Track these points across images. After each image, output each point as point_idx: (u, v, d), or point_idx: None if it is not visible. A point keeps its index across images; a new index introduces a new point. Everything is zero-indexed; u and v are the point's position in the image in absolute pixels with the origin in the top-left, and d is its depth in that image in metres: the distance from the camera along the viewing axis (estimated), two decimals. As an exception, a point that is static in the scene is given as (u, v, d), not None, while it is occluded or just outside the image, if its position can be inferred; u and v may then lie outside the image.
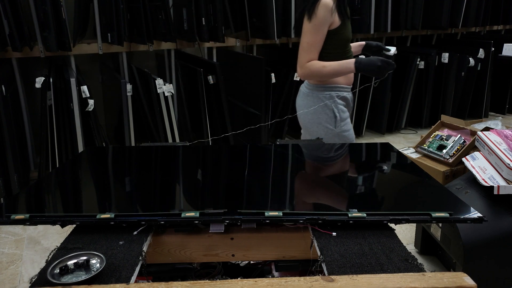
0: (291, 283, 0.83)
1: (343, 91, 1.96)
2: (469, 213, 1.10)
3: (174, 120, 3.35)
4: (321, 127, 1.96)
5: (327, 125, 1.95)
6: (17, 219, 1.07)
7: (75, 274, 0.90)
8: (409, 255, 0.97)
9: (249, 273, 1.40)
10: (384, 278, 0.85)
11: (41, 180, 1.58)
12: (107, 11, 3.25)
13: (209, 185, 1.40)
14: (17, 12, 2.93)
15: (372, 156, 1.72)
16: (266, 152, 1.74)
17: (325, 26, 1.82)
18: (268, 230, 1.13)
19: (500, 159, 1.93)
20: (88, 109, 3.06)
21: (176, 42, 3.61)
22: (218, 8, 3.44)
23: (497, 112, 5.13)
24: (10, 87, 3.09)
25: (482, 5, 4.92)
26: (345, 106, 1.99)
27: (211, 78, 3.33)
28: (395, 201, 1.27)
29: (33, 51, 3.20)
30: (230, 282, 0.83)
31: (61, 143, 3.07)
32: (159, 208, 1.19)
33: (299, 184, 1.37)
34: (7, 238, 2.59)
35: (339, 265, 0.93)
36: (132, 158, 1.71)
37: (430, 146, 2.85)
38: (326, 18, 1.80)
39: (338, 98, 1.94)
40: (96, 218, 1.07)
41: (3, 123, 2.77)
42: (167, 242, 1.11)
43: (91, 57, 3.86)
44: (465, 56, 4.54)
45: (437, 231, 2.08)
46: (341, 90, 1.96)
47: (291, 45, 4.36)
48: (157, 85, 3.15)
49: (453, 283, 0.83)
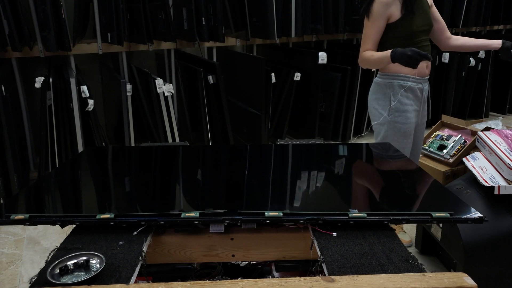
0: (291, 283, 0.83)
1: (407, 81, 2.00)
2: (469, 213, 1.10)
3: (174, 120, 3.35)
4: (376, 112, 2.09)
5: (381, 111, 2.05)
6: (17, 219, 1.07)
7: (75, 275, 0.90)
8: (409, 255, 0.97)
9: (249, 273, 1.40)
10: (384, 279, 0.85)
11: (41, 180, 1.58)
12: (107, 11, 3.24)
13: (209, 185, 1.40)
14: (17, 12, 2.92)
15: (372, 156, 1.72)
16: (266, 152, 1.74)
17: (380, 20, 1.95)
18: (268, 231, 1.12)
19: (501, 159, 1.93)
20: (88, 109, 3.05)
21: (176, 42, 3.61)
22: (218, 8, 3.43)
23: (498, 112, 5.13)
24: (10, 87, 3.08)
25: (482, 5, 4.91)
26: (409, 98, 2.01)
27: (211, 78, 3.32)
28: (395, 201, 1.27)
29: (32, 51, 3.20)
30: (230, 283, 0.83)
31: (60, 143, 3.07)
32: (159, 208, 1.19)
33: (299, 184, 1.36)
34: (7, 238, 2.58)
35: (340, 265, 0.93)
36: (132, 158, 1.70)
37: (430, 146, 2.84)
38: (380, 12, 1.93)
39: (401, 87, 2.00)
40: (96, 218, 1.07)
41: (2, 123, 2.77)
42: (167, 242, 1.11)
43: (91, 57, 3.86)
44: (465, 56, 4.53)
45: (438, 231, 2.07)
46: (404, 80, 2.00)
47: (291, 45, 4.35)
48: (157, 85, 3.15)
49: (453, 283, 0.83)
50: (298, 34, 3.99)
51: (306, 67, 3.88)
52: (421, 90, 2.03)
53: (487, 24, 5.23)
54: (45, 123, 2.97)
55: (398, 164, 1.56)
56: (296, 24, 3.93)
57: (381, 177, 1.49)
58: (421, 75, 2.01)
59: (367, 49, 2.00)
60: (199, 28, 3.47)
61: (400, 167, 1.54)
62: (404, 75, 1.99)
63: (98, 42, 3.40)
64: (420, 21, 1.95)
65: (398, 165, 1.56)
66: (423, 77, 2.02)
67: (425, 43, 2.00)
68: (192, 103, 3.59)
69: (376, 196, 1.30)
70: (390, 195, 1.31)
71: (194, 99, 3.51)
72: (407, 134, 2.04)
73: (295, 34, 3.97)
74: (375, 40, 1.98)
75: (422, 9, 1.96)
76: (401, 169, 1.52)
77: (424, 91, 2.05)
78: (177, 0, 3.53)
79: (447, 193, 1.27)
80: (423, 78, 2.03)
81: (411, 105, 2.02)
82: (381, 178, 1.48)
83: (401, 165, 1.55)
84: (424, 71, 2.01)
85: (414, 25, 1.94)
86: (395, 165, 1.57)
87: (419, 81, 2.01)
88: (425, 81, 2.04)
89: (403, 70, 1.97)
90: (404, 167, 1.53)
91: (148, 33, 3.38)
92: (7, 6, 2.84)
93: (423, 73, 2.01)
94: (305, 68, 3.86)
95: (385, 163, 1.62)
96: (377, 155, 1.71)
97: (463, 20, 4.73)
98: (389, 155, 1.65)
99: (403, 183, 1.42)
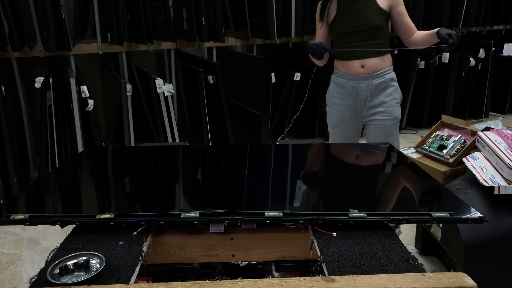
0: (291, 283, 0.83)
1: (338, 77, 2.19)
2: (469, 213, 1.10)
3: (174, 120, 3.35)
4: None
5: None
6: (16, 219, 1.07)
7: (75, 275, 0.90)
8: (409, 255, 0.97)
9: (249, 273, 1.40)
10: (384, 279, 0.85)
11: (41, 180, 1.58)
12: (107, 11, 3.24)
13: (209, 185, 1.40)
14: (17, 12, 2.92)
15: (372, 156, 1.72)
16: (266, 152, 1.74)
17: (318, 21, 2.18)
18: (268, 231, 1.12)
19: (501, 159, 1.92)
20: (88, 109, 3.05)
21: (176, 42, 3.61)
22: (218, 8, 3.43)
23: (498, 112, 5.13)
24: (9, 87, 3.08)
25: (482, 5, 4.91)
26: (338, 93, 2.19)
27: (211, 78, 3.32)
28: (395, 201, 1.27)
29: (32, 51, 3.20)
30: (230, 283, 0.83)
31: (60, 143, 3.07)
32: (159, 208, 1.19)
33: (299, 184, 1.36)
34: (6, 238, 2.58)
35: (340, 265, 0.93)
36: (132, 158, 1.70)
37: (430, 146, 2.84)
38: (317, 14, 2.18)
39: (333, 82, 2.24)
40: (95, 218, 1.07)
41: (2, 123, 2.77)
42: (167, 242, 1.11)
43: (91, 57, 3.86)
44: (465, 56, 4.53)
45: (438, 231, 2.07)
46: (336, 76, 2.21)
47: (291, 45, 4.35)
48: (157, 85, 3.15)
49: (453, 283, 0.83)
50: (298, 34, 3.99)
51: (306, 67, 3.88)
52: (353, 87, 2.12)
53: (487, 24, 5.23)
54: (45, 123, 2.97)
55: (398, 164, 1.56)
56: (296, 24, 3.93)
57: (381, 177, 1.49)
58: (353, 73, 2.10)
59: None
60: (199, 28, 3.47)
61: (400, 167, 1.54)
62: (337, 72, 2.19)
63: (98, 42, 3.40)
64: (350, 23, 2.04)
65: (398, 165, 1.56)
66: (356, 75, 2.10)
67: (360, 43, 2.06)
68: (192, 103, 3.59)
69: (376, 196, 1.30)
70: (390, 195, 1.31)
71: (194, 99, 3.51)
72: (334, 125, 2.23)
73: (295, 34, 3.97)
74: (321, 39, 2.16)
75: (354, 12, 2.03)
76: (401, 169, 1.52)
77: (359, 89, 2.11)
78: (177, 0, 3.53)
79: (447, 193, 1.27)
80: (356, 76, 2.10)
81: (340, 99, 2.17)
82: (381, 178, 1.48)
83: (401, 165, 1.55)
84: (356, 69, 2.09)
85: (340, 27, 2.07)
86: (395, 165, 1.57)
87: (350, 79, 2.12)
88: (360, 79, 2.10)
89: (338, 68, 2.18)
90: (404, 167, 1.53)
91: (148, 33, 3.38)
92: (7, 6, 2.84)
93: (355, 72, 2.10)
94: (305, 68, 3.86)
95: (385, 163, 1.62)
96: (377, 155, 1.71)
97: (463, 20, 4.73)
98: (389, 155, 1.65)
99: (403, 183, 1.42)
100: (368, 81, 2.09)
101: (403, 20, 2.09)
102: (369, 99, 2.12)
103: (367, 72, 2.09)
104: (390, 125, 2.13)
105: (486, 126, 2.95)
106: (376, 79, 2.09)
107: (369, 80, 2.09)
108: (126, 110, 3.25)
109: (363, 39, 2.05)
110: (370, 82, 2.10)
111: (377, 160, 1.68)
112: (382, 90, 2.12)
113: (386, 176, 1.50)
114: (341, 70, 2.17)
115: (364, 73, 2.09)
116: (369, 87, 2.10)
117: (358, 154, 1.73)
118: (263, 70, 3.41)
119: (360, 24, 2.03)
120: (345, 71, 2.14)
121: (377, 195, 1.31)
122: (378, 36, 2.06)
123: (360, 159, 1.69)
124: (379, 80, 2.10)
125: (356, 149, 1.78)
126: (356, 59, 2.08)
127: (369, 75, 2.09)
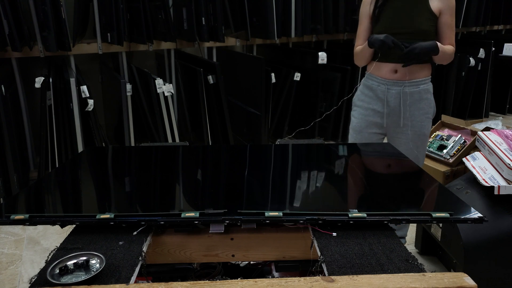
0: (291, 283, 0.83)
1: (370, 79, 2.04)
2: (469, 213, 1.10)
3: (174, 120, 3.35)
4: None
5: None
6: (16, 219, 1.07)
7: (75, 275, 0.90)
8: (409, 255, 0.97)
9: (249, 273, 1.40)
10: (384, 279, 0.85)
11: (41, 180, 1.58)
12: (107, 11, 3.24)
13: (209, 185, 1.40)
14: (17, 12, 2.92)
15: (372, 156, 1.72)
16: (266, 152, 1.74)
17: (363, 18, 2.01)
18: (268, 231, 1.12)
19: (501, 159, 1.93)
20: (88, 109, 3.05)
21: (176, 42, 3.61)
22: (218, 8, 3.43)
23: (498, 112, 5.13)
24: (9, 87, 3.08)
25: (482, 5, 4.91)
26: (368, 96, 2.04)
27: (211, 78, 3.32)
28: (395, 201, 1.27)
29: (32, 51, 3.20)
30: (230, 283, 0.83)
31: (60, 143, 3.06)
32: (159, 208, 1.18)
33: (299, 184, 1.36)
34: (6, 238, 2.58)
35: (340, 265, 0.93)
36: (132, 158, 1.70)
37: (430, 146, 2.84)
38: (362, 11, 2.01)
39: (364, 84, 2.07)
40: (95, 218, 1.07)
41: (2, 123, 2.77)
42: (167, 242, 1.11)
43: (91, 57, 3.86)
44: (465, 56, 4.53)
45: (438, 231, 2.07)
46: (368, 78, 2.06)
47: (291, 45, 4.35)
48: (157, 85, 3.15)
49: (453, 283, 0.83)
50: (298, 34, 3.99)
51: (306, 67, 3.88)
52: (383, 92, 1.97)
53: (487, 24, 5.23)
54: (45, 123, 2.97)
55: (398, 164, 1.56)
56: (296, 24, 3.93)
57: (381, 177, 1.49)
58: (385, 76, 1.96)
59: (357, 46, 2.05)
60: (199, 28, 3.47)
61: (400, 167, 1.54)
62: (369, 74, 2.04)
63: (98, 42, 3.40)
64: (396, 23, 1.89)
65: (398, 165, 1.56)
66: (388, 79, 1.96)
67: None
68: (192, 103, 3.59)
69: (376, 196, 1.30)
70: (390, 195, 1.31)
71: (194, 99, 3.51)
72: (356, 130, 2.09)
73: (295, 34, 3.97)
74: (364, 38, 1.99)
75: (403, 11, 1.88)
76: (401, 169, 1.52)
77: (390, 95, 1.97)
78: (177, 0, 3.53)
79: (447, 193, 1.27)
80: (388, 80, 1.96)
81: (368, 102, 2.03)
82: (381, 178, 1.48)
83: (401, 165, 1.55)
84: (389, 73, 1.95)
85: (384, 26, 1.91)
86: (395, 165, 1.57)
87: (382, 83, 1.97)
88: (391, 84, 1.96)
89: (370, 69, 2.02)
90: (404, 167, 1.53)
91: (148, 33, 3.38)
92: (7, 6, 2.84)
93: (388, 76, 1.95)
94: (305, 68, 3.86)
95: (385, 163, 1.62)
96: (377, 155, 1.71)
97: (463, 20, 4.73)
98: (389, 155, 1.65)
99: (403, 183, 1.42)
100: (400, 88, 1.94)
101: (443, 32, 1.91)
102: (402, 109, 1.96)
103: (400, 78, 1.94)
104: (416, 141, 1.99)
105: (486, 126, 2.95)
106: (409, 87, 1.94)
107: (401, 87, 1.94)
108: (126, 110, 3.25)
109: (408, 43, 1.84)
110: (402, 90, 1.94)
111: (377, 160, 1.68)
112: (415, 102, 1.96)
113: (386, 176, 1.50)
114: (373, 72, 2.01)
115: (397, 78, 1.94)
116: (400, 96, 1.95)
117: (358, 154, 1.72)
118: (263, 70, 3.41)
119: (408, 26, 1.87)
120: (377, 74, 1.99)
121: (377, 195, 1.31)
122: (423, 41, 1.85)
123: (360, 159, 1.69)
124: (412, 89, 1.94)
125: (356, 149, 1.78)
126: (390, 62, 1.93)
127: (402, 82, 1.94)
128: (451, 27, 1.91)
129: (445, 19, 1.89)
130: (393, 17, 1.89)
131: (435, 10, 1.87)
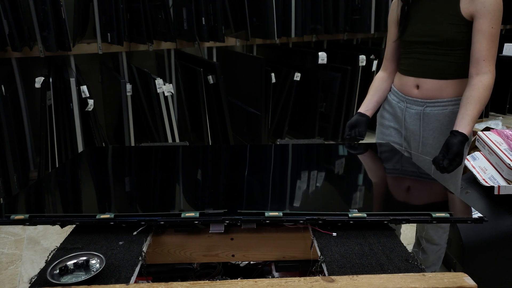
0: (291, 283, 0.83)
1: (391, 94, 1.76)
2: (469, 213, 1.10)
3: (174, 120, 3.35)
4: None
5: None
6: (16, 219, 1.07)
7: (75, 275, 0.90)
8: (409, 255, 0.97)
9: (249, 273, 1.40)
10: (384, 279, 0.85)
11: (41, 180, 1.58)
12: (107, 11, 3.25)
13: (209, 185, 1.40)
14: (17, 12, 2.92)
15: (372, 156, 1.71)
16: (266, 152, 1.74)
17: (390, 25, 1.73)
18: (268, 231, 1.12)
19: (501, 159, 1.93)
20: (88, 109, 3.05)
21: (176, 42, 3.61)
22: (218, 8, 3.43)
23: (498, 112, 5.13)
24: (9, 87, 3.08)
25: (482, 5, 4.91)
26: (388, 112, 1.77)
27: (211, 78, 3.32)
28: (395, 201, 1.27)
29: (32, 51, 3.20)
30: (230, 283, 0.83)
31: (60, 143, 3.07)
32: (159, 208, 1.18)
33: (299, 184, 1.36)
34: (6, 238, 2.58)
35: (340, 265, 0.93)
36: (132, 158, 1.70)
37: (430, 146, 2.84)
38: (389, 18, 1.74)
39: (386, 100, 1.79)
40: (95, 218, 1.07)
41: (2, 123, 2.77)
42: (167, 242, 1.11)
43: (91, 57, 3.86)
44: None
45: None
46: (391, 93, 1.78)
47: (291, 45, 4.36)
48: (157, 85, 3.15)
49: (453, 283, 0.83)
50: (298, 34, 3.99)
51: (306, 67, 3.88)
52: (401, 110, 1.68)
53: (487, 24, 5.22)
54: (45, 123, 2.97)
55: (398, 164, 1.56)
56: (296, 24, 3.93)
57: (381, 177, 1.49)
58: (405, 92, 1.66)
59: (385, 57, 1.79)
60: (199, 28, 3.47)
61: (400, 167, 1.54)
62: (393, 86, 1.76)
63: (98, 42, 3.40)
64: (417, 28, 1.57)
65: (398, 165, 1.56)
66: (408, 96, 1.65)
67: (426, 56, 1.56)
68: (192, 103, 3.59)
69: (376, 196, 1.30)
70: (390, 195, 1.31)
71: (194, 99, 3.51)
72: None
73: (295, 34, 3.97)
74: (391, 46, 1.74)
75: (426, 15, 1.55)
76: (401, 169, 1.52)
77: (408, 115, 1.66)
78: (177, 0, 3.53)
79: (447, 193, 1.27)
80: (408, 97, 1.65)
81: (389, 120, 1.76)
82: (381, 178, 1.48)
83: (401, 165, 1.55)
84: (409, 89, 1.64)
85: (404, 31, 1.62)
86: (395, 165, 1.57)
87: (401, 99, 1.68)
88: (411, 102, 1.64)
89: (394, 81, 1.75)
90: (404, 167, 1.53)
91: (148, 33, 3.38)
92: (7, 6, 2.84)
93: (408, 92, 1.64)
94: (305, 68, 3.86)
95: (385, 163, 1.62)
96: (377, 155, 1.71)
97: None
98: (389, 155, 1.65)
99: (403, 183, 1.42)
100: (421, 108, 1.61)
101: (475, 41, 1.48)
102: (422, 134, 1.63)
103: (421, 97, 1.60)
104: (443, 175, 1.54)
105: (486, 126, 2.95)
106: (432, 108, 1.59)
107: (422, 107, 1.61)
108: (126, 110, 3.25)
109: (433, 53, 1.54)
110: (423, 111, 1.60)
111: (377, 160, 1.68)
112: (441, 127, 1.60)
113: (386, 176, 1.50)
114: (396, 85, 1.73)
115: (417, 96, 1.61)
116: (421, 118, 1.61)
117: (358, 154, 1.72)
118: (263, 70, 3.41)
119: (432, 34, 1.53)
120: (399, 88, 1.70)
121: (377, 195, 1.31)
122: (451, 51, 1.52)
123: (360, 159, 1.69)
124: (435, 111, 1.58)
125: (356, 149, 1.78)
126: (410, 76, 1.62)
127: (423, 101, 1.60)
128: (485, 35, 1.46)
129: (478, 25, 1.45)
130: (417, 24, 1.57)
131: (465, 14, 1.47)
